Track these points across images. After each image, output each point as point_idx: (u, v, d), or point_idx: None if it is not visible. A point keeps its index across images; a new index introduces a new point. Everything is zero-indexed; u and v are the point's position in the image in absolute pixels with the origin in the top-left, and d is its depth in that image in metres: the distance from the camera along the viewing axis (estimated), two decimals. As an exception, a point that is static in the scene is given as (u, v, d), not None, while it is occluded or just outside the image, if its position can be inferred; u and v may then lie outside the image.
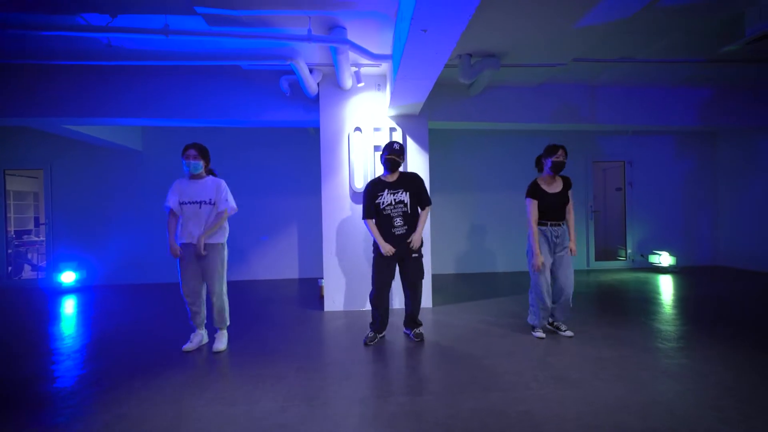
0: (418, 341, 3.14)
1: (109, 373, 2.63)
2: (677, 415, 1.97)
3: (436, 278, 5.69)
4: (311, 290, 5.33)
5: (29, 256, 7.21)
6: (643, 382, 2.35)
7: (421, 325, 3.26)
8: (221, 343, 3.04)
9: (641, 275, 6.01)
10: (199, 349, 3.07)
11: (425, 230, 4.12)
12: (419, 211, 3.13)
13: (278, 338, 3.32)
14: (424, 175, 4.28)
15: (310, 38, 3.06)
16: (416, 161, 4.30)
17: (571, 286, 3.10)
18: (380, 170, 4.26)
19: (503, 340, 3.16)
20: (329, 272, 4.24)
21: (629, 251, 6.75)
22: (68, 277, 5.69)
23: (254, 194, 6.30)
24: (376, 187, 3.07)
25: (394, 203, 3.02)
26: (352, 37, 3.37)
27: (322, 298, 4.50)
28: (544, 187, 3.12)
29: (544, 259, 3.06)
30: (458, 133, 6.43)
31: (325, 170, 4.25)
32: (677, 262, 6.32)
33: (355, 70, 4.01)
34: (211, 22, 3.09)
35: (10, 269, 6.34)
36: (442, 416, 2.01)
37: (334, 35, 3.24)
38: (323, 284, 4.34)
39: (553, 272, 3.14)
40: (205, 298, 3.08)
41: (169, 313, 4.23)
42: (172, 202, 2.91)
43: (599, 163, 7.48)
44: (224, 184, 2.99)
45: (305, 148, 6.29)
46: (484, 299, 4.60)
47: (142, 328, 3.74)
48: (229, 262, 6.18)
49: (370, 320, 3.27)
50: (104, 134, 5.35)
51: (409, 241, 3.01)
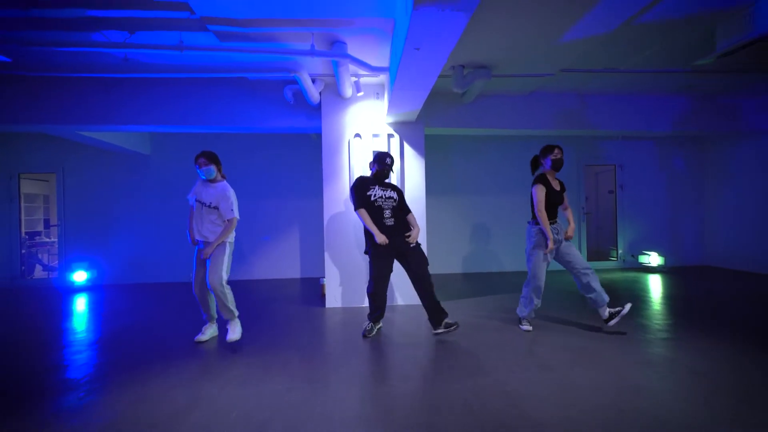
0: (453, 329, 3.24)
1: (127, 361, 2.87)
2: (644, 395, 2.20)
3: (433, 277, 5.90)
4: (313, 289, 5.56)
5: (40, 256, 7.46)
6: (617, 367, 2.58)
7: (447, 314, 3.29)
8: (234, 332, 3.08)
9: (631, 275, 6.23)
10: (210, 340, 3.30)
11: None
12: (404, 216, 3.39)
13: (282, 331, 3.56)
14: (420, 178, 4.53)
15: (313, 53, 3.31)
16: (413, 166, 4.55)
17: (585, 262, 3.25)
18: (379, 174, 4.52)
19: (493, 333, 3.38)
20: (330, 271, 4.48)
21: (620, 252, 6.97)
22: (80, 276, 5.93)
23: (258, 197, 6.54)
24: (366, 182, 3.31)
25: (385, 197, 3.28)
26: (352, 51, 3.63)
27: (323, 296, 4.74)
28: (551, 181, 3.24)
29: (548, 253, 3.20)
30: (454, 138, 6.68)
31: (326, 174, 4.49)
32: (665, 262, 6.55)
33: (354, 80, 4.25)
34: (222, 38, 3.34)
35: (23, 269, 6.59)
36: (430, 396, 2.24)
37: (335, 50, 3.49)
38: (324, 282, 4.57)
39: (567, 265, 3.27)
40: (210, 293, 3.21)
41: (178, 309, 4.46)
42: (190, 198, 3.17)
43: (591, 166, 7.73)
44: (231, 192, 3.09)
45: (307, 152, 6.54)
46: (478, 297, 4.83)
47: (153, 323, 3.97)
48: (232, 262, 6.46)
49: (368, 312, 3.43)
50: (114, 139, 5.60)
51: (407, 235, 3.24)
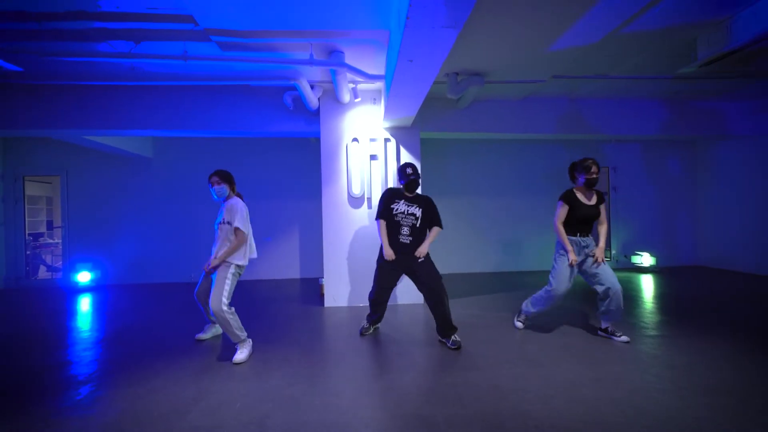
0: (455, 348, 3.04)
1: (130, 359, 2.99)
2: (626, 388, 2.34)
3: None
4: (312, 289, 5.69)
5: (44, 257, 7.59)
6: (603, 364, 2.72)
7: (456, 330, 3.16)
8: (241, 353, 2.90)
9: (624, 275, 6.38)
10: (212, 338, 3.42)
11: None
12: (428, 231, 3.25)
13: (282, 329, 3.69)
14: (416, 181, 4.66)
15: (311, 62, 3.45)
16: (409, 169, 4.69)
17: (615, 281, 3.03)
18: (375, 177, 4.65)
19: (487, 330, 3.52)
20: (329, 271, 4.62)
21: (614, 252, 7.12)
22: (84, 276, 6.06)
23: (259, 198, 6.68)
24: (394, 194, 3.24)
25: (407, 213, 3.17)
26: (349, 60, 3.77)
27: (322, 296, 4.87)
28: (580, 197, 3.12)
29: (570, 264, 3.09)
30: (450, 142, 6.82)
31: (325, 177, 4.63)
32: (658, 262, 6.71)
33: (352, 86, 4.40)
34: (224, 48, 3.48)
35: (27, 269, 6.71)
36: (423, 389, 2.38)
37: (333, 59, 3.63)
38: (323, 283, 4.71)
39: (592, 279, 3.11)
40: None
41: (180, 309, 4.59)
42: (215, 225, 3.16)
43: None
44: (241, 205, 2.99)
45: (306, 156, 6.68)
46: (474, 296, 4.96)
47: (155, 322, 4.10)
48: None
49: (368, 313, 3.49)
50: (117, 143, 5.74)
51: (417, 255, 3.12)
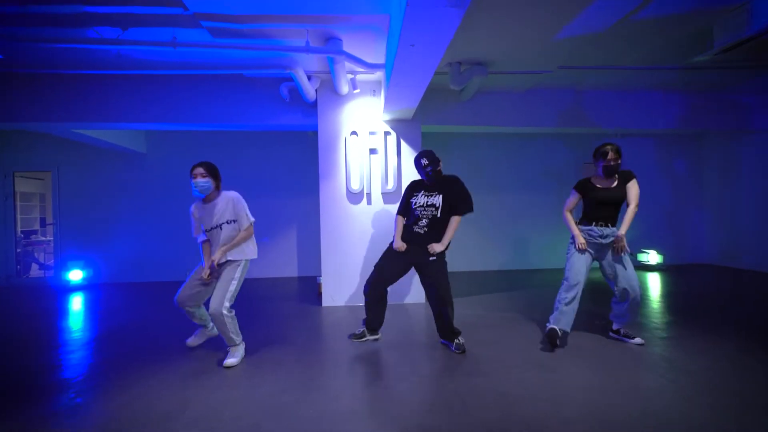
0: (459, 353, 2.85)
1: (121, 361, 2.84)
2: (642, 395, 2.18)
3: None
4: (310, 287, 5.53)
5: (36, 255, 7.43)
6: (613, 367, 2.56)
7: (459, 333, 2.94)
8: (233, 356, 2.73)
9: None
10: (210, 341, 3.23)
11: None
12: (447, 222, 2.91)
13: (278, 330, 3.53)
14: (417, 177, 4.48)
15: (308, 49, 3.27)
16: (410, 163, 4.51)
17: (636, 286, 2.81)
18: (375, 171, 4.49)
19: (491, 331, 3.36)
20: (327, 270, 4.45)
21: (618, 250, 6.95)
22: (76, 275, 5.90)
23: (254, 195, 6.47)
24: (414, 187, 3.04)
25: (426, 205, 2.90)
26: (347, 47, 3.59)
27: (320, 294, 4.71)
28: (595, 182, 2.93)
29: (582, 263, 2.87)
30: (452, 135, 6.64)
31: (323, 172, 4.46)
32: (664, 260, 6.54)
33: (351, 77, 4.22)
34: (215, 34, 3.30)
35: (18, 268, 6.55)
36: (426, 396, 2.22)
37: (330, 46, 3.45)
38: (321, 281, 4.55)
39: (610, 276, 2.90)
40: (200, 304, 2.85)
41: (173, 309, 4.42)
42: (202, 236, 2.80)
43: (591, 164, 7.69)
44: (237, 196, 2.75)
45: (304, 150, 6.50)
46: (477, 295, 4.81)
47: (148, 322, 3.95)
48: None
49: (367, 319, 3.06)
50: (110, 137, 5.56)
51: (429, 250, 2.84)
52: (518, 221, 6.83)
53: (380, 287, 2.93)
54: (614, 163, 2.80)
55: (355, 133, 4.47)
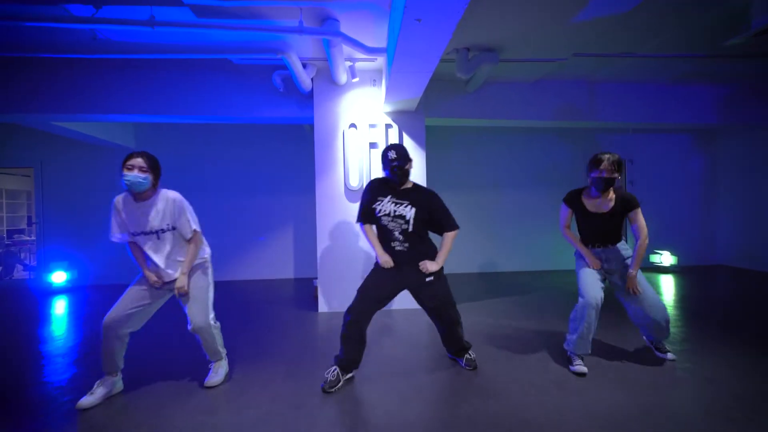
0: (470, 369, 2.54)
1: (92, 379, 2.51)
2: (683, 421, 1.87)
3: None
4: (306, 290, 5.22)
5: (21, 255, 7.10)
6: (645, 387, 2.25)
7: (469, 348, 2.62)
8: (217, 374, 2.40)
9: (644, 274, 5.90)
10: (188, 353, 2.93)
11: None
12: (426, 233, 2.52)
13: (269, 340, 3.22)
14: (421, 173, 4.17)
15: (301, 30, 2.95)
16: (413, 159, 4.18)
17: (660, 310, 2.50)
18: (375, 167, 4.16)
19: (503, 344, 3.05)
20: (323, 273, 4.14)
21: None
22: (59, 277, 5.58)
23: (249, 192, 6.19)
24: (378, 189, 2.45)
25: (393, 215, 2.37)
26: (345, 29, 3.27)
27: (316, 298, 4.40)
28: (585, 202, 2.52)
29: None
30: (455, 130, 6.32)
31: (319, 168, 4.15)
32: (678, 261, 6.23)
33: (349, 64, 3.91)
34: (198, 13, 2.98)
35: (0, 269, 6.24)
36: (433, 424, 1.91)
37: (326, 27, 3.13)
38: (317, 285, 4.24)
39: (627, 300, 2.57)
40: (129, 333, 2.28)
41: (163, 313, 4.11)
42: (119, 236, 2.24)
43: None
44: (180, 198, 2.27)
45: (301, 145, 6.18)
46: (484, 300, 4.50)
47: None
48: (223, 261, 6.13)
49: (343, 356, 2.37)
50: (96, 132, 5.24)
51: (423, 270, 2.38)
52: (525, 220, 6.52)
53: (366, 316, 2.34)
54: (608, 175, 2.36)
55: (353, 125, 4.15)
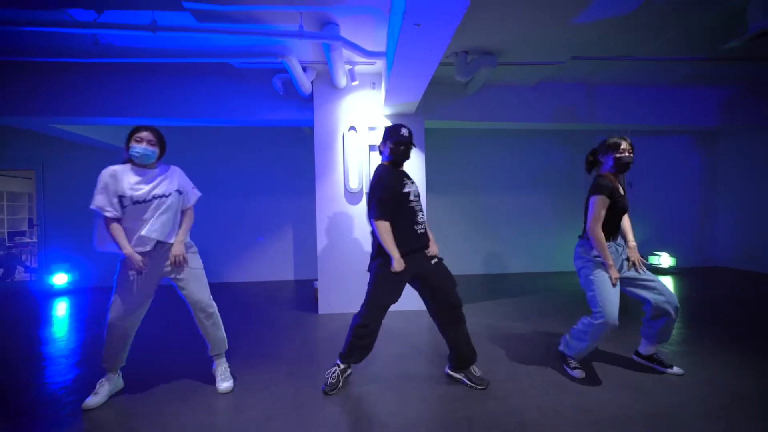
0: (482, 388, 2.29)
1: (95, 378, 2.53)
2: (678, 422, 1.89)
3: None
4: (306, 292, 5.24)
5: (22, 257, 7.13)
6: (646, 389, 2.26)
7: (475, 359, 2.39)
8: (227, 380, 2.37)
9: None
10: (188, 354, 2.95)
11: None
12: None
13: (270, 341, 3.24)
14: (420, 175, 4.20)
15: (301, 34, 2.98)
16: (413, 161, 4.19)
17: (673, 297, 2.33)
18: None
19: (501, 345, 3.07)
20: (323, 274, 4.16)
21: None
22: (60, 279, 5.60)
23: (249, 194, 6.22)
24: (395, 174, 2.30)
25: (417, 195, 2.33)
26: (345, 33, 3.29)
27: (316, 299, 4.42)
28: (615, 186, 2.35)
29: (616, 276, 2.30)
30: (455, 132, 6.35)
31: (319, 170, 4.17)
32: (677, 262, 6.25)
33: (349, 68, 3.93)
34: (199, 18, 3.00)
35: (2, 271, 6.26)
36: (433, 425, 1.92)
37: (326, 32, 3.15)
38: (317, 287, 4.26)
39: (642, 289, 2.40)
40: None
41: (164, 315, 4.13)
42: (104, 202, 2.12)
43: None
44: (182, 171, 2.36)
45: (301, 147, 6.20)
46: (483, 301, 4.52)
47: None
48: (223, 263, 6.14)
49: (347, 357, 2.32)
50: (96, 134, 5.27)
51: (429, 254, 2.32)
52: (524, 221, 6.54)
53: (379, 319, 2.28)
54: (630, 155, 2.30)
55: (353, 128, 4.17)
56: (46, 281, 5.64)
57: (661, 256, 6.22)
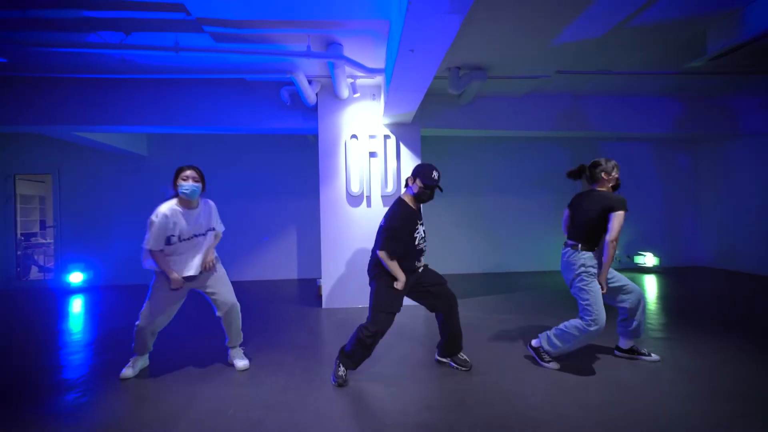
0: (466, 370, 2.59)
1: (123, 362, 2.83)
2: (634, 392, 2.22)
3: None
4: (310, 290, 5.56)
5: (36, 257, 7.44)
6: (607, 366, 2.60)
7: (461, 347, 2.68)
8: (244, 359, 2.74)
9: (627, 275, 6.19)
10: (203, 343, 3.27)
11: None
12: None
13: (279, 331, 3.57)
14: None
15: (309, 54, 3.33)
16: (409, 167, 4.56)
17: (637, 288, 2.62)
18: (375, 174, 4.53)
19: (489, 333, 3.40)
20: (327, 272, 4.49)
21: (616, 253, 7.00)
22: (76, 277, 5.92)
23: (255, 197, 6.55)
24: (411, 214, 2.42)
25: (423, 237, 2.51)
26: (348, 52, 3.65)
27: (320, 297, 4.74)
28: None
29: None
30: (451, 139, 6.70)
31: (323, 175, 4.51)
32: (661, 262, 6.60)
33: (351, 81, 4.28)
34: (217, 39, 3.36)
35: (18, 270, 6.56)
36: (424, 394, 2.26)
37: (331, 51, 3.50)
38: (321, 283, 4.59)
39: (616, 291, 2.63)
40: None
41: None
42: (155, 244, 2.48)
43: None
44: (213, 204, 2.73)
45: (305, 153, 6.55)
46: (476, 297, 4.85)
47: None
48: (230, 263, 6.44)
49: (351, 357, 2.46)
50: (111, 140, 5.60)
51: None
52: (518, 224, 6.88)
53: (388, 325, 2.44)
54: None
55: (355, 136, 4.52)
56: (63, 280, 5.96)
57: (645, 256, 6.57)
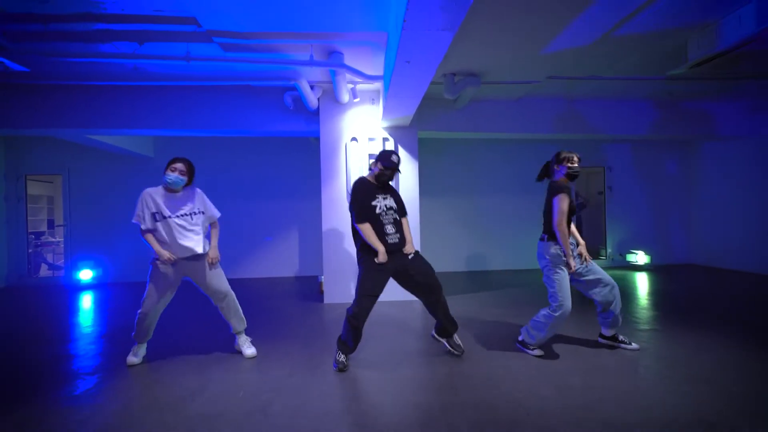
0: (458, 354, 2.83)
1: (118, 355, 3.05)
2: (613, 377, 2.43)
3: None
4: (311, 286, 5.77)
5: (46, 255, 7.65)
6: (590, 355, 2.80)
7: (457, 328, 2.89)
8: (251, 347, 2.93)
9: (619, 272, 6.46)
10: (211, 333, 3.48)
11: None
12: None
13: (283, 324, 3.77)
14: (413, 181, 4.75)
15: (311, 63, 3.53)
16: (407, 168, 4.77)
17: (610, 279, 2.75)
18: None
19: (482, 325, 3.60)
20: (329, 268, 4.70)
21: (609, 251, 7.21)
22: (86, 275, 6.13)
23: (258, 197, 6.76)
24: (369, 188, 2.74)
25: (386, 209, 2.73)
26: (348, 60, 3.84)
27: (321, 293, 4.95)
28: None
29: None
30: (448, 141, 6.90)
31: (324, 176, 4.71)
32: (652, 260, 6.80)
33: (351, 86, 4.48)
34: (226, 49, 3.56)
35: (29, 268, 6.78)
36: (420, 379, 2.46)
37: (332, 60, 3.71)
38: (323, 280, 4.79)
39: (589, 283, 2.76)
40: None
41: (182, 305, 4.65)
42: (149, 221, 2.66)
43: (581, 168, 7.97)
44: (203, 193, 2.86)
45: (306, 155, 6.76)
46: (471, 293, 5.05)
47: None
48: (234, 261, 6.66)
49: (345, 341, 2.67)
50: (119, 142, 5.80)
51: (405, 252, 2.72)
52: (512, 223, 7.08)
53: (369, 308, 2.63)
54: (578, 167, 2.82)
55: (355, 139, 4.72)
56: (73, 277, 6.17)
57: (637, 254, 6.77)
